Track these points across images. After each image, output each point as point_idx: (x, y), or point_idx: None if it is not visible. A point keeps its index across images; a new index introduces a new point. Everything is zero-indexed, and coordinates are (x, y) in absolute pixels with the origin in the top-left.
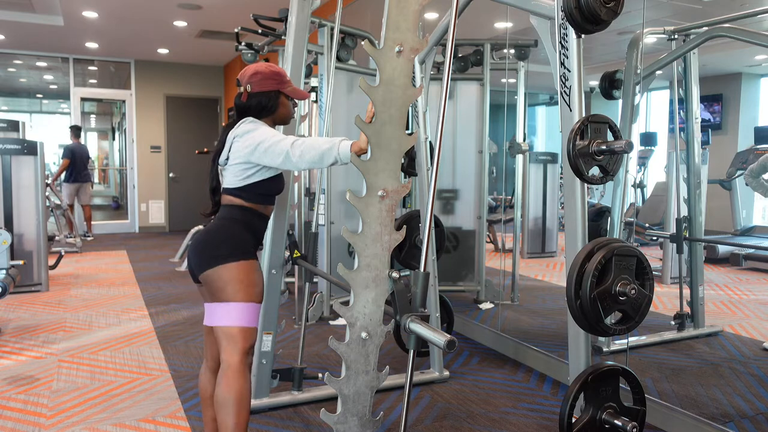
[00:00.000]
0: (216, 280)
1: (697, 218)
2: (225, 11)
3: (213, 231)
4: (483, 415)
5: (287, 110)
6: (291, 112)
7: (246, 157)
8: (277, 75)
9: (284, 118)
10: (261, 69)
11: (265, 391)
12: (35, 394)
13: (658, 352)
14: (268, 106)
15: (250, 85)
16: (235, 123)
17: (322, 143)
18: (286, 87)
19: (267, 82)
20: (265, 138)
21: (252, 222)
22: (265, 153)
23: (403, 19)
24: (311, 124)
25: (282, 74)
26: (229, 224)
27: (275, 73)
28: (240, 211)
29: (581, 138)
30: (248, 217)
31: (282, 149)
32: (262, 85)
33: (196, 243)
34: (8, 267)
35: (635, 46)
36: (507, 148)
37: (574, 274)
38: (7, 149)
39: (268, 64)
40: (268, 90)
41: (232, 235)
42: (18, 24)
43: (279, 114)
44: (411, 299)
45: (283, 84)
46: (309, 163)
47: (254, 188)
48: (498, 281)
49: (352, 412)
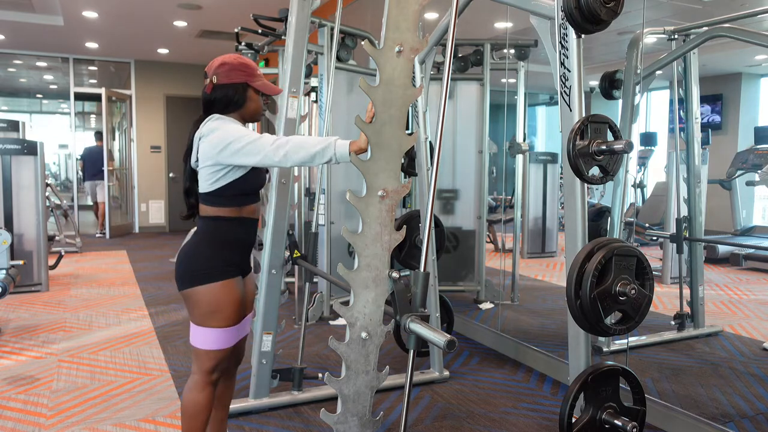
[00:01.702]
0: (186, 300)
1: (697, 218)
2: (225, 11)
3: (187, 249)
4: (483, 415)
5: (257, 105)
6: (261, 108)
7: (214, 158)
8: (246, 67)
9: (253, 114)
10: (228, 60)
11: (265, 391)
12: (35, 394)
13: (658, 352)
14: (234, 99)
15: (216, 76)
16: (201, 120)
17: (313, 144)
18: (255, 80)
19: (234, 74)
20: (237, 137)
21: (228, 234)
22: (237, 153)
23: (403, 19)
24: (311, 124)
25: (252, 66)
26: (201, 243)
27: (244, 64)
28: (213, 224)
29: (581, 138)
30: (223, 229)
31: (258, 149)
32: (228, 77)
33: (177, 259)
34: (8, 267)
35: (635, 46)
36: (507, 148)
37: (574, 274)
38: (7, 149)
39: (236, 55)
40: (235, 82)
41: (202, 257)
42: (18, 24)
43: (248, 109)
44: (411, 299)
45: (252, 77)
46: (297, 162)
47: (227, 190)
48: (498, 281)
49: (352, 412)
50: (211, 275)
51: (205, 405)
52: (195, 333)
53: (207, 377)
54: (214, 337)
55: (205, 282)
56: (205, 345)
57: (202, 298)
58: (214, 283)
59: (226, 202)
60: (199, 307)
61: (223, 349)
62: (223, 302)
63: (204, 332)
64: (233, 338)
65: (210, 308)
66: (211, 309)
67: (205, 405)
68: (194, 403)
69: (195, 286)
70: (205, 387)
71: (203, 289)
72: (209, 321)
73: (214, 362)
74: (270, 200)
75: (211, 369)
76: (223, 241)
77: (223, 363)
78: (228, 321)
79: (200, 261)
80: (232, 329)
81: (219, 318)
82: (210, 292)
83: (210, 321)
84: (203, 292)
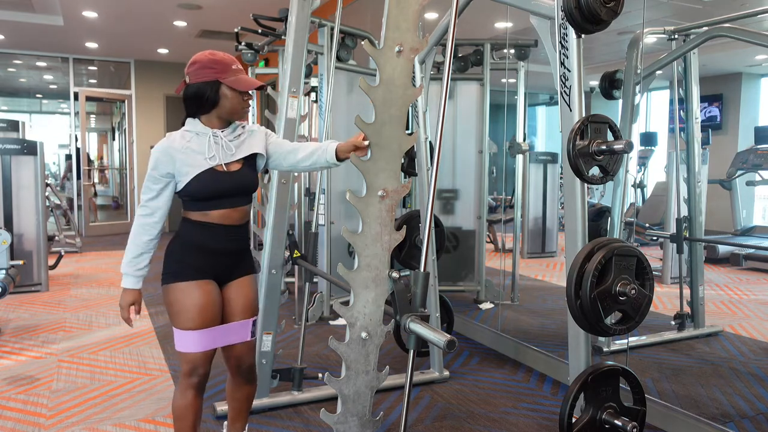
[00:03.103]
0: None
1: (697, 218)
2: (225, 11)
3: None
4: (483, 415)
5: (233, 103)
6: (240, 106)
7: None
8: (216, 63)
9: (231, 112)
10: (199, 58)
11: (265, 391)
12: (35, 394)
13: (658, 352)
14: (206, 98)
15: (188, 75)
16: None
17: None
18: (226, 77)
19: (204, 72)
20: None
21: (194, 236)
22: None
23: (403, 19)
24: (311, 124)
25: (223, 62)
26: (172, 242)
27: (214, 61)
28: (183, 224)
29: (581, 138)
30: (189, 231)
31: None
32: (198, 75)
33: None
34: (8, 267)
35: (635, 46)
36: (507, 148)
37: (574, 274)
38: (7, 149)
39: (210, 52)
40: (205, 81)
41: (171, 255)
42: (18, 24)
43: (223, 108)
44: (411, 299)
45: (224, 73)
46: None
47: (182, 194)
48: (498, 281)
49: (352, 412)
50: (175, 275)
51: (186, 408)
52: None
53: (186, 380)
54: (182, 339)
55: (170, 281)
56: (177, 346)
57: (167, 297)
58: (176, 283)
59: (187, 205)
60: (167, 306)
61: (194, 352)
62: (183, 304)
63: (176, 333)
64: (204, 342)
65: (174, 308)
66: (175, 309)
67: (186, 408)
68: (176, 406)
69: (163, 284)
70: (185, 390)
71: (167, 288)
72: (176, 321)
73: (189, 365)
74: (270, 200)
75: (187, 372)
76: (185, 243)
77: (200, 368)
78: (192, 323)
79: (169, 260)
80: (200, 333)
81: (184, 319)
82: (172, 292)
83: (176, 321)
84: (167, 291)
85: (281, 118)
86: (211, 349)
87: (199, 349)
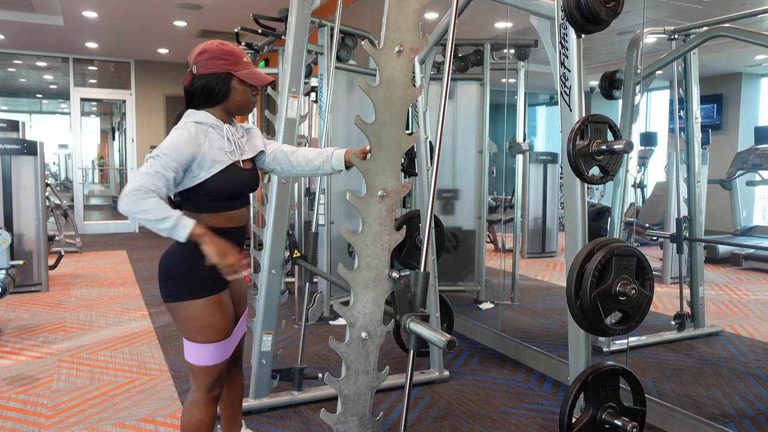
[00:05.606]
0: (172, 315)
1: (697, 218)
2: (225, 11)
3: (166, 259)
4: (483, 415)
5: (243, 97)
6: (249, 100)
7: None
8: (229, 54)
9: (240, 106)
10: (209, 47)
11: (265, 391)
12: (35, 394)
13: (658, 352)
14: (216, 91)
15: (196, 65)
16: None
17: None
18: (239, 69)
19: (215, 63)
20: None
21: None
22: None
23: (403, 19)
24: (311, 124)
25: (235, 54)
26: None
27: (226, 51)
28: None
29: (581, 138)
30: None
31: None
32: (209, 66)
33: (159, 266)
34: (8, 267)
35: (635, 46)
36: (507, 148)
37: (574, 274)
38: (7, 149)
39: (220, 42)
40: (216, 72)
41: (182, 270)
42: (18, 24)
43: (232, 101)
44: (411, 299)
45: (237, 65)
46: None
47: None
48: (498, 281)
49: (352, 412)
50: (191, 291)
51: (207, 423)
52: (188, 348)
53: (208, 395)
54: (208, 353)
55: (183, 299)
56: (198, 361)
57: (181, 314)
58: (193, 301)
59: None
60: (185, 324)
61: (220, 363)
62: (205, 321)
63: (196, 348)
64: (228, 349)
65: (191, 325)
66: (194, 326)
67: (207, 423)
68: (196, 422)
69: (179, 300)
70: (207, 405)
71: (181, 306)
72: (195, 337)
73: (212, 378)
74: (270, 200)
75: (210, 386)
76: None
77: (222, 377)
78: (220, 335)
79: (183, 274)
80: (223, 343)
81: (207, 335)
82: (188, 309)
83: (195, 337)
84: (181, 309)
85: (281, 118)
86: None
87: (224, 359)
